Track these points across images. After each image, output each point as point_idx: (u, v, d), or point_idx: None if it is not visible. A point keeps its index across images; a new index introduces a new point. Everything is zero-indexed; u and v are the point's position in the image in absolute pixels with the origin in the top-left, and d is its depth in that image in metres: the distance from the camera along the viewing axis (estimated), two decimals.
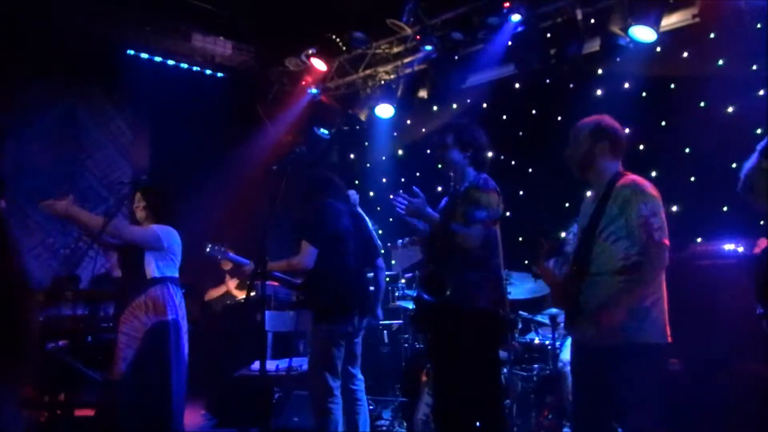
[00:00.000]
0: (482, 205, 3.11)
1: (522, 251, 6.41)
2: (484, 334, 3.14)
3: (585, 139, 2.83)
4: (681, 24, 5.18)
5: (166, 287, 3.81)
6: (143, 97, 7.06)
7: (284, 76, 7.35)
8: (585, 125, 2.88)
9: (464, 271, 3.11)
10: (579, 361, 2.84)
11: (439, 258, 3.15)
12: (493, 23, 5.60)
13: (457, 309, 3.07)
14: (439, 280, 3.08)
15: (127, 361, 3.64)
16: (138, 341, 3.67)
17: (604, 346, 2.64)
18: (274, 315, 5.63)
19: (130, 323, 3.71)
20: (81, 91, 6.87)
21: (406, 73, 6.62)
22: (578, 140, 2.84)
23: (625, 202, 2.69)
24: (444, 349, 3.18)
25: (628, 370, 2.60)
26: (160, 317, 3.72)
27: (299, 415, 4.49)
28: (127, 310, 3.74)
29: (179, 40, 6.80)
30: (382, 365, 5.56)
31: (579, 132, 2.86)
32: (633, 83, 6.02)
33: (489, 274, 3.15)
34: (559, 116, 6.63)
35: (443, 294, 3.04)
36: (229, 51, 7.06)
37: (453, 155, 3.32)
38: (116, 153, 7.07)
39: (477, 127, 3.46)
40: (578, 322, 2.73)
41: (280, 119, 7.44)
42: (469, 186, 3.22)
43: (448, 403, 3.21)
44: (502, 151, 7.00)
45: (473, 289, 3.09)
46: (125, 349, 3.67)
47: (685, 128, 5.21)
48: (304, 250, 3.78)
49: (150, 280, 3.79)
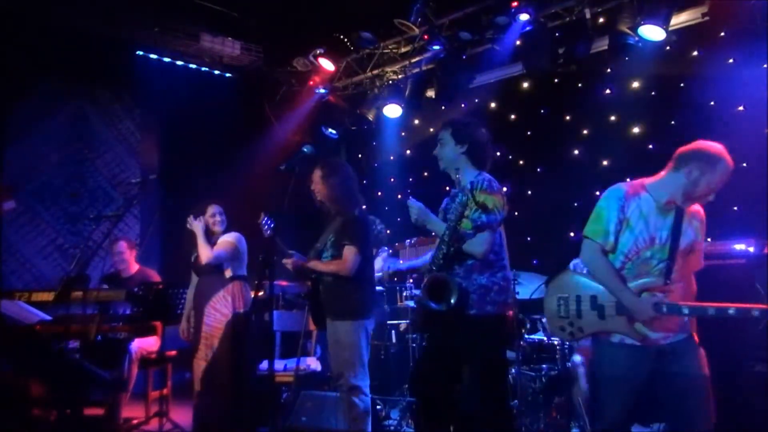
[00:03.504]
0: (489, 209, 3.04)
1: (530, 251, 6.42)
2: (493, 339, 3.11)
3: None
4: (690, 22, 5.16)
5: (241, 285, 4.59)
6: (152, 98, 7.09)
7: (292, 76, 7.37)
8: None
9: (473, 275, 3.08)
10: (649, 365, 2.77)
11: (446, 263, 3.07)
12: (501, 23, 5.59)
13: (465, 314, 3.03)
14: (445, 286, 3.01)
15: (212, 348, 4.42)
16: (220, 331, 4.43)
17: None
18: (282, 314, 5.64)
19: (213, 316, 4.47)
20: (90, 91, 6.90)
21: (414, 72, 6.61)
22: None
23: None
24: (452, 354, 3.13)
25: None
26: (237, 310, 4.49)
27: (307, 414, 4.49)
28: (208, 304, 4.48)
29: (188, 41, 6.81)
30: (389, 365, 5.55)
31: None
32: (642, 82, 6.00)
33: (497, 277, 3.12)
34: (568, 116, 6.62)
35: (448, 301, 2.97)
36: (238, 51, 7.08)
37: (448, 150, 3.25)
38: (125, 153, 7.10)
39: (478, 124, 3.35)
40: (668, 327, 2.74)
41: (288, 119, 7.46)
42: (474, 188, 3.11)
43: (443, 407, 3.18)
44: (510, 150, 7.01)
45: (482, 293, 3.05)
46: (209, 338, 4.43)
47: (695, 127, 5.19)
48: (351, 257, 3.72)
49: (228, 279, 4.58)
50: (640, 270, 2.72)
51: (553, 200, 6.39)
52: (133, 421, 5.06)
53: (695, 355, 2.70)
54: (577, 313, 2.79)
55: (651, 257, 2.72)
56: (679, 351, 2.70)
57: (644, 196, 2.76)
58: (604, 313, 2.73)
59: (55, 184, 6.60)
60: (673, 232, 2.70)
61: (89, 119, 6.89)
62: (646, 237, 2.72)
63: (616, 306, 2.70)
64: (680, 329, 2.72)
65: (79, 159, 6.78)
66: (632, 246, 2.73)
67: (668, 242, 2.70)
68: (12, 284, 6.09)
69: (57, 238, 6.58)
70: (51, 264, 6.50)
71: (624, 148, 6.01)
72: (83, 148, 6.83)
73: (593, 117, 6.35)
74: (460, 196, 3.10)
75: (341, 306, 3.78)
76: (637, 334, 2.68)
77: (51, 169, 6.58)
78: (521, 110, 6.99)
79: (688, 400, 2.65)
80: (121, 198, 6.86)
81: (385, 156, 7.85)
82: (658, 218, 2.73)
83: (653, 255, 2.71)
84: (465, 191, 3.10)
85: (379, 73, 6.85)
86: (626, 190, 2.78)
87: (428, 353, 3.33)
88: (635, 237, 2.73)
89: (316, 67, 6.92)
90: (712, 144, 2.72)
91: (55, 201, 6.58)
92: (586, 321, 2.77)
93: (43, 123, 6.56)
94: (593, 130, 6.43)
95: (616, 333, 2.73)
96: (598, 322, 2.75)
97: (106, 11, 6.25)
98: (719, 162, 2.66)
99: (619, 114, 6.19)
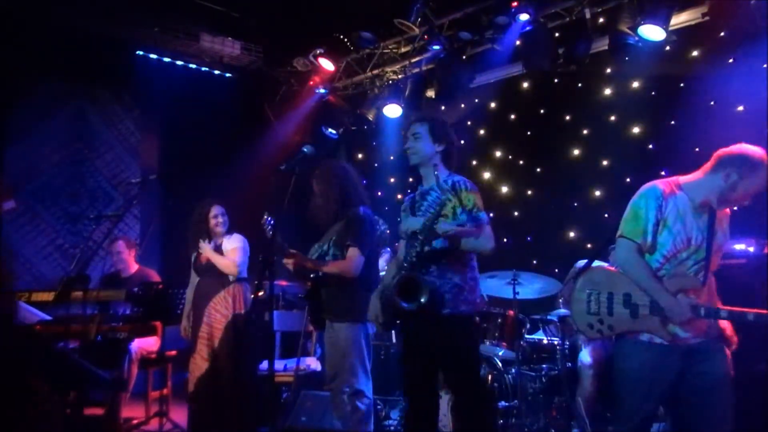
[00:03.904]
0: (479, 207, 3.04)
1: (530, 251, 6.42)
2: (467, 339, 3.11)
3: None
4: (690, 22, 5.15)
5: (243, 286, 4.61)
6: (152, 98, 7.09)
7: (292, 76, 7.37)
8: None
9: (447, 274, 3.05)
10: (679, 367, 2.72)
11: (420, 261, 3.04)
12: (501, 23, 5.59)
13: (440, 314, 3.01)
14: (416, 286, 2.97)
15: (213, 348, 4.45)
16: (220, 332, 4.46)
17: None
18: (282, 314, 5.64)
19: (213, 316, 4.50)
20: (90, 91, 6.90)
21: (414, 72, 6.61)
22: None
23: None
24: (428, 354, 3.12)
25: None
26: (237, 311, 4.52)
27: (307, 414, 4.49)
28: (209, 305, 4.51)
29: (188, 41, 6.81)
30: (389, 365, 5.55)
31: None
32: (642, 82, 6.00)
33: (469, 277, 3.10)
34: (568, 116, 6.63)
35: (419, 301, 2.94)
36: (237, 51, 7.08)
37: (425, 146, 3.20)
38: (125, 153, 7.10)
39: (449, 123, 3.35)
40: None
41: (288, 119, 7.46)
42: (458, 188, 3.08)
43: (430, 406, 3.20)
44: (510, 150, 7.01)
45: (456, 292, 3.04)
46: (210, 338, 4.47)
47: (695, 127, 5.19)
48: (354, 258, 3.66)
49: (230, 280, 4.59)
50: (677, 271, 2.68)
51: (553, 200, 6.39)
52: (133, 421, 5.06)
53: (722, 356, 2.68)
54: (609, 311, 2.72)
55: (687, 258, 2.68)
56: (705, 350, 2.66)
57: (680, 195, 2.71)
58: (637, 312, 2.68)
59: (55, 184, 6.60)
60: (709, 234, 2.66)
61: (89, 119, 6.89)
62: (683, 237, 2.68)
63: (650, 306, 2.66)
64: (710, 330, 2.69)
65: (79, 159, 6.78)
66: (671, 247, 2.68)
67: (704, 244, 2.66)
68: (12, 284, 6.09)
69: (57, 238, 6.58)
70: (51, 264, 6.50)
71: (624, 148, 6.02)
72: (83, 148, 6.82)
73: (593, 117, 6.36)
74: (434, 194, 3.09)
75: (341, 307, 3.72)
76: (668, 335, 2.64)
77: (51, 169, 6.58)
78: (521, 110, 6.99)
79: (710, 401, 2.63)
80: (121, 198, 6.86)
81: (385, 156, 7.85)
82: (694, 219, 2.69)
83: (689, 256, 2.67)
84: (444, 190, 3.09)
85: (379, 73, 6.85)
86: (663, 189, 2.71)
87: (406, 354, 3.27)
88: (673, 237, 2.68)
89: (316, 67, 6.92)
90: (755, 149, 2.65)
91: (55, 201, 6.58)
92: (617, 319, 2.71)
93: (43, 123, 6.56)
94: (593, 130, 6.43)
95: (647, 333, 2.68)
96: (630, 321, 2.69)
97: (106, 11, 6.25)
98: (760, 168, 2.61)
99: (619, 114, 6.19)
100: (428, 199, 3.14)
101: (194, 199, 4.86)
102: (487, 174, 7.08)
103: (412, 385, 3.21)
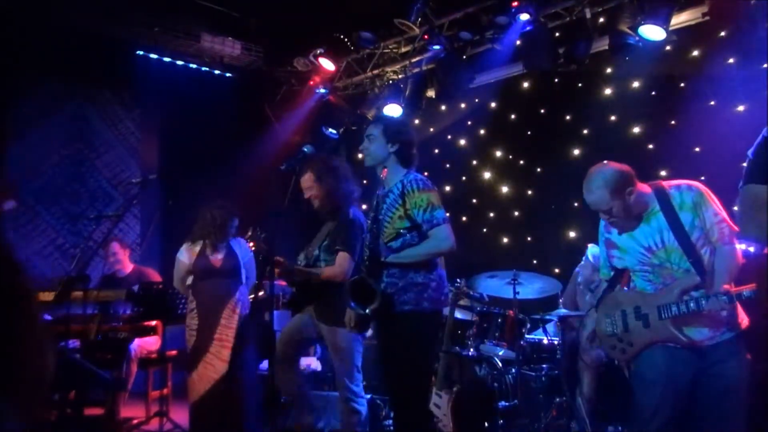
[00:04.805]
0: (435, 206, 3.03)
1: (530, 251, 6.42)
2: (425, 336, 3.10)
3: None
4: (691, 22, 5.15)
5: (245, 289, 4.52)
6: (152, 98, 7.10)
7: (292, 76, 7.37)
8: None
9: (409, 273, 3.05)
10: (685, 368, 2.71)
11: (380, 263, 3.06)
12: (501, 23, 5.59)
13: (401, 311, 3.01)
14: (368, 288, 2.98)
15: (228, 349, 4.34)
16: (234, 332, 4.33)
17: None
18: (282, 314, 5.64)
19: (231, 318, 4.39)
20: (90, 91, 6.90)
21: (414, 72, 6.62)
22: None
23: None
24: (387, 350, 3.13)
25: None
26: (244, 313, 4.43)
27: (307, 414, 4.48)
28: (226, 307, 4.37)
29: (188, 41, 6.82)
30: None
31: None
32: (642, 82, 6.00)
33: (433, 275, 3.09)
34: (568, 116, 6.62)
35: (371, 304, 2.95)
36: (238, 51, 7.08)
37: (378, 148, 3.18)
38: (126, 153, 7.10)
39: (409, 124, 3.36)
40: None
41: (288, 119, 7.46)
42: (407, 190, 3.08)
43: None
44: (510, 150, 7.02)
45: (419, 290, 3.03)
46: (227, 339, 4.37)
47: (695, 127, 5.19)
48: (344, 263, 3.68)
49: (241, 283, 4.51)
50: (662, 273, 2.71)
51: (553, 200, 6.39)
52: (133, 420, 5.06)
53: (739, 359, 2.66)
54: (624, 327, 2.74)
55: (664, 262, 2.70)
56: (723, 351, 2.65)
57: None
58: (648, 321, 2.68)
59: (55, 184, 6.60)
60: (673, 229, 2.68)
61: (89, 119, 6.89)
62: (641, 249, 2.74)
63: (658, 311, 2.65)
64: (726, 326, 2.66)
65: (79, 159, 6.78)
66: (635, 262, 2.77)
67: (674, 243, 2.68)
68: None
69: (57, 238, 6.58)
70: (51, 264, 6.50)
71: (624, 148, 6.01)
72: (83, 148, 6.82)
73: (593, 117, 6.36)
74: (391, 196, 3.10)
75: (337, 312, 3.67)
76: (683, 338, 2.62)
77: (51, 169, 6.58)
78: (521, 110, 6.99)
79: (724, 404, 2.62)
80: (121, 198, 6.86)
81: None
82: (642, 227, 2.76)
83: (667, 259, 2.69)
84: (396, 192, 3.10)
85: (379, 73, 6.85)
86: (603, 224, 2.93)
87: (379, 352, 3.28)
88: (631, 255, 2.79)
89: (316, 67, 6.92)
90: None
91: (55, 201, 6.58)
92: (634, 333, 2.71)
93: (43, 123, 6.56)
94: (593, 130, 6.43)
95: (665, 342, 2.65)
96: (645, 332, 2.68)
97: (106, 11, 6.25)
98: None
99: (619, 114, 6.19)
100: (387, 202, 3.15)
101: (194, 199, 4.83)
102: (487, 174, 7.09)
103: (388, 380, 3.21)
